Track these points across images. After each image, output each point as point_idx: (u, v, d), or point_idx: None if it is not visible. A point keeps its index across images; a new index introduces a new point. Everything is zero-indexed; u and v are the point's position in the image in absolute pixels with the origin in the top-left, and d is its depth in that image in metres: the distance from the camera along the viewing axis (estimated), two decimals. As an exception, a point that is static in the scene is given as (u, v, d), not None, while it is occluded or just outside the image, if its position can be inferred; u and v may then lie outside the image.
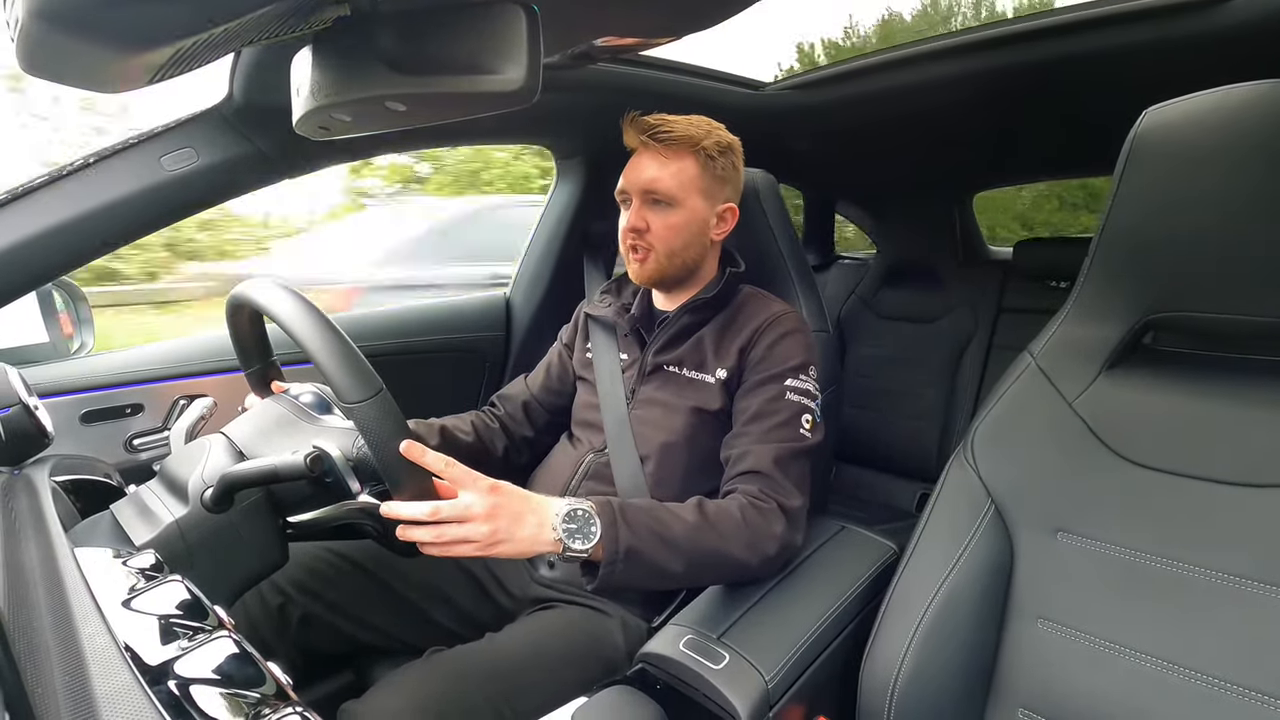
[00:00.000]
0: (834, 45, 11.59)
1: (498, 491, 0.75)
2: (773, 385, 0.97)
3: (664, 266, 1.03)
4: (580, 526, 0.78)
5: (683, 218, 1.02)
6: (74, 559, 0.57)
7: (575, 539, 0.77)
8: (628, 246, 1.04)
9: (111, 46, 0.41)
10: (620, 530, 0.79)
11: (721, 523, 0.86)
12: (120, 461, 1.15)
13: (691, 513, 0.86)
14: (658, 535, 0.82)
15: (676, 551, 0.82)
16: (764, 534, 0.87)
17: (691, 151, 1.01)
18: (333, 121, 0.53)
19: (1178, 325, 0.80)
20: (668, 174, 1.00)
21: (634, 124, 1.02)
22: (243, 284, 0.79)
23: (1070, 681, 0.75)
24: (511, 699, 0.83)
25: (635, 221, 1.02)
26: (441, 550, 0.73)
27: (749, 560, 0.86)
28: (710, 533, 0.85)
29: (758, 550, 0.86)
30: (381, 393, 0.68)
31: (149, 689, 0.42)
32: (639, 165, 1.02)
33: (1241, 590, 0.67)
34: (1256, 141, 0.67)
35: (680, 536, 0.83)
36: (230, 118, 0.98)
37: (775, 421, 0.95)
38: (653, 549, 0.81)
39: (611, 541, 0.78)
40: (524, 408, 1.22)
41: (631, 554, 0.79)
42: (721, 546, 0.85)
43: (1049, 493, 0.81)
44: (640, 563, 0.80)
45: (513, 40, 0.46)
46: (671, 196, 1.00)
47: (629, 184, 1.03)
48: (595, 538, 0.78)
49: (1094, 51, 1.18)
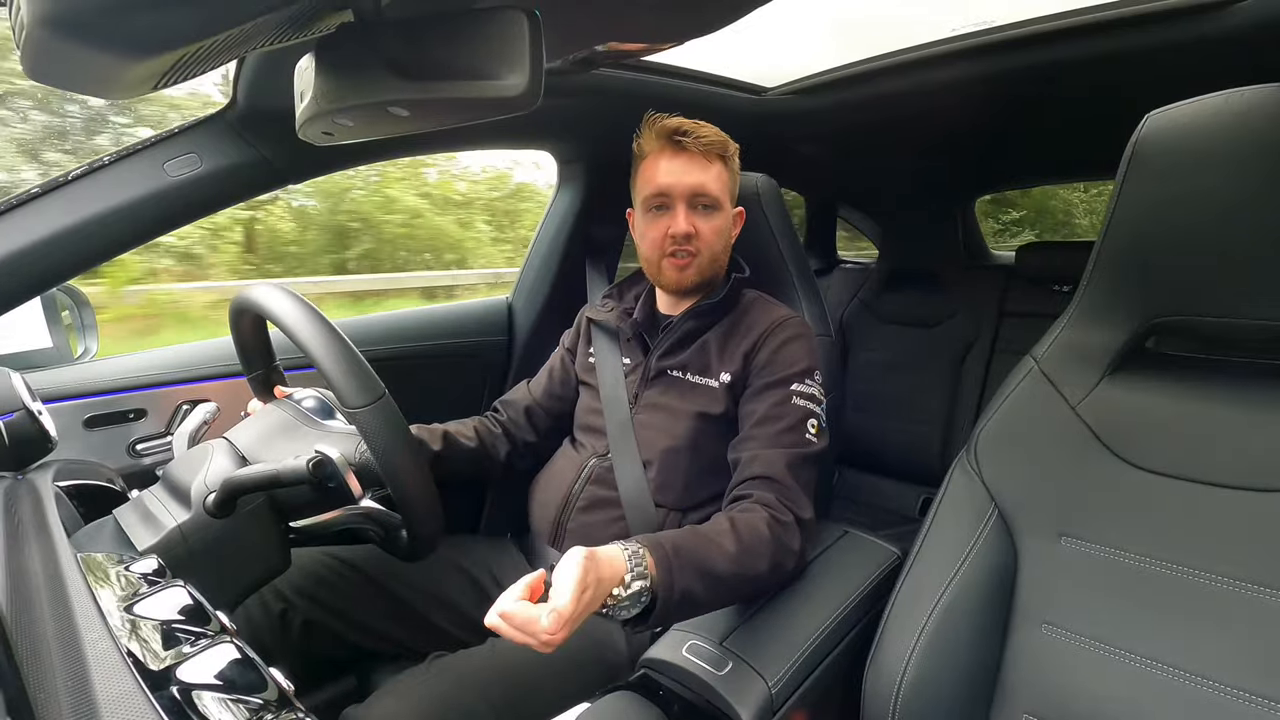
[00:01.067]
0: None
1: (579, 595, 0.64)
2: (779, 390, 0.97)
3: (706, 271, 1.04)
4: (638, 594, 0.71)
5: (724, 221, 1.04)
6: (77, 564, 0.57)
7: (636, 605, 0.71)
8: (668, 251, 1.02)
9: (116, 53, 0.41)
10: (675, 575, 0.73)
11: (756, 545, 0.82)
12: (123, 466, 1.15)
13: (730, 540, 0.81)
14: (704, 573, 0.76)
15: (720, 586, 0.78)
16: (786, 550, 0.86)
17: (720, 156, 1.02)
18: (336, 127, 0.54)
19: (1181, 329, 0.80)
20: (711, 177, 1.00)
21: (658, 127, 1.01)
22: (247, 289, 0.79)
23: (1074, 686, 0.74)
24: (514, 704, 0.82)
25: (685, 226, 1.00)
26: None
27: (771, 578, 0.85)
28: (748, 559, 0.81)
29: (779, 567, 0.85)
30: (384, 398, 0.68)
31: (151, 694, 0.42)
32: (679, 169, 1.00)
33: (1246, 595, 0.67)
34: (1259, 145, 0.67)
35: (725, 572, 0.79)
36: (234, 123, 0.99)
37: (782, 426, 0.95)
38: (701, 591, 0.76)
39: (666, 588, 0.72)
40: (526, 413, 1.22)
41: (685, 597, 0.74)
42: (755, 570, 0.82)
43: (1052, 497, 0.81)
44: (690, 603, 0.75)
45: (515, 46, 0.47)
46: (717, 200, 1.01)
47: (671, 188, 1.00)
48: (648, 598, 0.72)
49: (1096, 55, 1.18)
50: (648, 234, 1.04)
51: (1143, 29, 1.10)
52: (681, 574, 0.74)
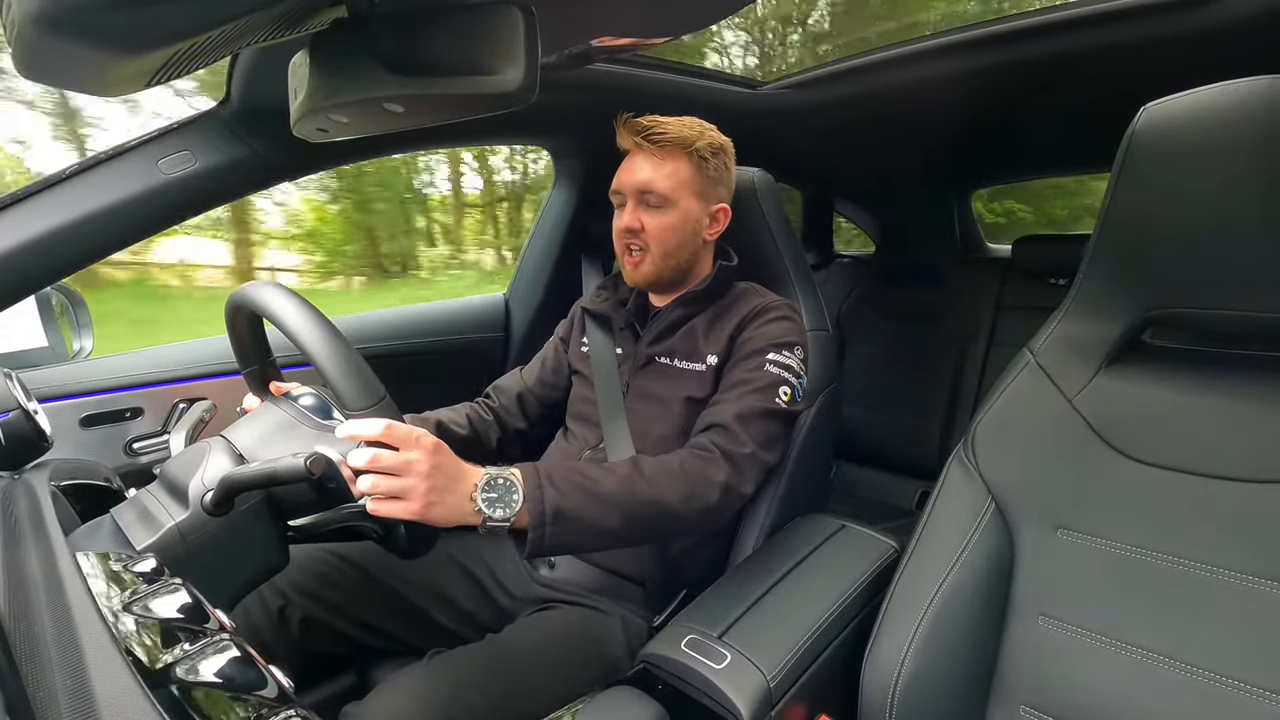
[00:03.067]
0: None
1: (440, 453, 0.73)
2: (755, 358, 0.98)
3: (659, 268, 1.04)
4: (501, 495, 0.75)
5: (677, 218, 1.02)
6: (75, 563, 0.57)
7: (496, 507, 0.74)
8: (623, 247, 1.05)
9: (109, 50, 0.41)
10: (546, 491, 0.77)
11: (657, 475, 0.85)
12: (120, 465, 1.15)
13: (625, 467, 0.85)
14: (587, 492, 0.80)
15: (609, 506, 0.80)
16: (704, 481, 0.86)
17: (685, 153, 1.01)
18: (331, 123, 0.53)
19: (1177, 321, 0.80)
20: (661, 175, 1.00)
21: (627, 125, 1.02)
22: (244, 286, 0.79)
23: (1072, 678, 0.75)
24: (514, 700, 0.83)
25: (630, 222, 1.02)
26: (376, 507, 0.70)
27: (687, 510, 0.85)
28: (643, 484, 0.83)
29: (698, 499, 0.85)
30: (385, 400, 0.68)
31: (150, 692, 0.42)
32: (633, 166, 1.02)
33: (1242, 586, 0.67)
34: (1256, 137, 0.67)
35: (612, 491, 0.81)
36: (228, 120, 0.98)
37: (750, 387, 0.95)
38: (582, 507, 0.79)
39: (536, 503, 0.76)
40: (518, 399, 1.22)
41: (561, 515, 0.77)
42: (657, 496, 0.83)
43: (1049, 490, 0.81)
44: (572, 522, 0.78)
45: (510, 41, 0.46)
46: (665, 198, 1.01)
47: (623, 185, 1.03)
48: (517, 504, 0.75)
49: (1092, 48, 1.18)
50: (614, 231, 1.06)
51: (1139, 21, 1.10)
52: (552, 490, 0.77)
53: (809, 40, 8.29)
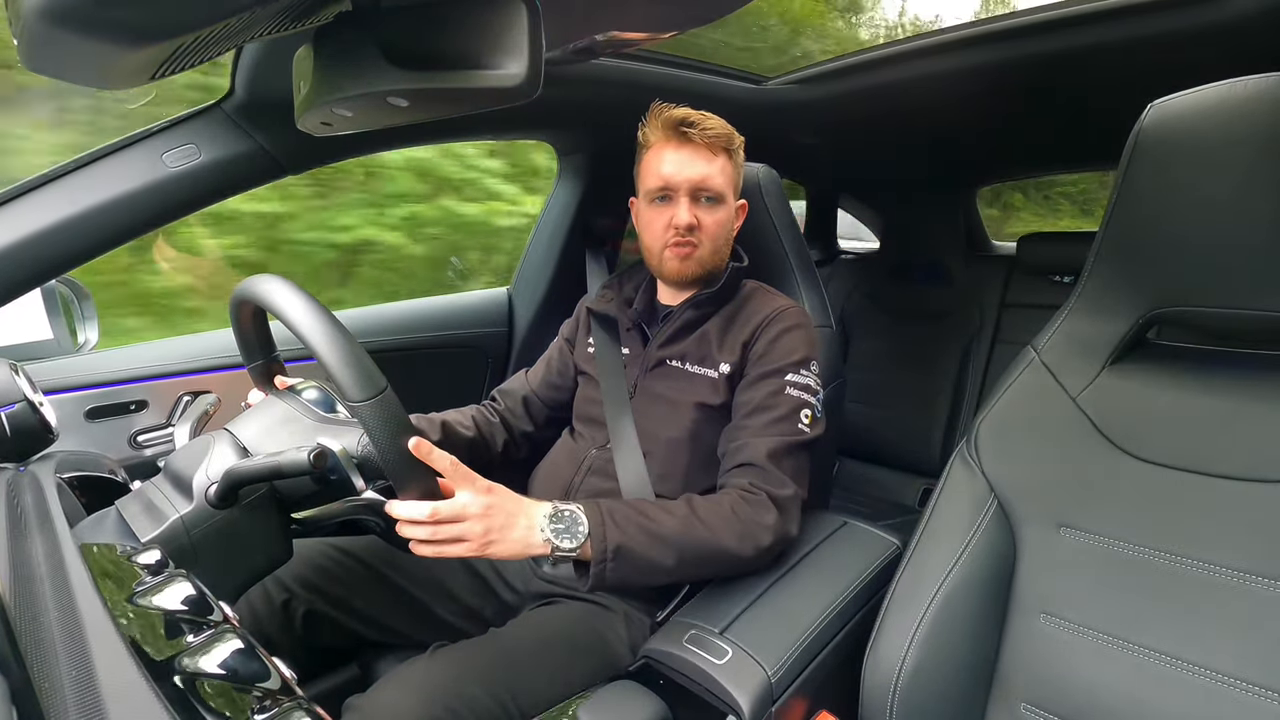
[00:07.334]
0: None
1: (493, 492, 0.77)
2: (773, 380, 0.97)
3: (708, 263, 1.04)
4: (567, 526, 0.79)
5: (727, 214, 1.04)
6: (80, 555, 0.58)
7: (563, 538, 0.79)
8: (672, 242, 1.02)
9: (114, 43, 0.41)
10: (608, 529, 0.81)
11: (711, 516, 0.87)
12: (125, 458, 1.15)
13: (680, 508, 0.87)
14: (646, 531, 0.83)
15: (667, 546, 0.83)
16: (755, 525, 0.88)
17: (726, 149, 1.02)
18: (335, 117, 0.53)
19: (1182, 320, 0.80)
20: (716, 170, 1.00)
21: (667, 117, 1.00)
22: (247, 280, 0.79)
23: (1073, 676, 0.75)
24: (515, 694, 0.83)
25: (689, 218, 1.00)
26: (436, 551, 0.74)
27: (742, 551, 0.87)
28: (699, 526, 0.86)
29: (750, 541, 0.87)
30: (387, 391, 0.68)
31: (154, 683, 0.43)
32: (683, 161, 1.00)
33: (1244, 585, 0.67)
34: (1262, 135, 0.67)
35: (670, 531, 0.84)
36: (232, 114, 0.98)
37: (774, 416, 0.95)
38: (642, 545, 0.82)
39: (599, 540, 0.80)
40: (524, 402, 1.22)
41: (621, 551, 0.81)
42: (712, 539, 0.85)
43: (1052, 488, 0.81)
44: (631, 559, 0.81)
45: (514, 35, 0.46)
46: (720, 193, 1.01)
47: (674, 180, 1.00)
48: (583, 536, 0.79)
49: (1099, 45, 1.17)
50: (651, 225, 1.04)
51: (1147, 17, 1.09)
52: (614, 528, 0.81)
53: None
